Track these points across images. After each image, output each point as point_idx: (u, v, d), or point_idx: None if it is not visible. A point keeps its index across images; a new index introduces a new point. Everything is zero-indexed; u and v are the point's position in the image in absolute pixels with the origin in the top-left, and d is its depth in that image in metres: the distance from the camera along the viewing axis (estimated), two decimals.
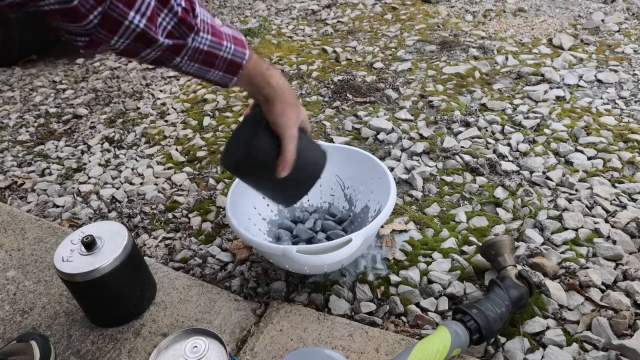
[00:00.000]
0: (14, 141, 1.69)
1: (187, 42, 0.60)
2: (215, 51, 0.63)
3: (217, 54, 0.64)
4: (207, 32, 0.62)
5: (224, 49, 0.64)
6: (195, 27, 0.59)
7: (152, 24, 0.55)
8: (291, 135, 0.68)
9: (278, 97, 0.68)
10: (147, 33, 0.55)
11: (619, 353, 0.77)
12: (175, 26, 0.58)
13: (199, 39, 0.61)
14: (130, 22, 0.53)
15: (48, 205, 1.32)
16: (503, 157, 1.29)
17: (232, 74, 0.67)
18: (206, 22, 0.62)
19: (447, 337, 0.74)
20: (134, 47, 0.57)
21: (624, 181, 1.16)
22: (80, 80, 2.14)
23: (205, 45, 0.62)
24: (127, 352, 0.83)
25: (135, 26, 0.54)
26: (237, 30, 0.67)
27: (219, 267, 1.05)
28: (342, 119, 1.56)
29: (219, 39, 0.63)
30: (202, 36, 0.61)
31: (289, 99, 0.68)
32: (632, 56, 1.76)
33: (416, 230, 1.09)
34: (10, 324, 0.91)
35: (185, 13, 0.58)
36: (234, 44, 0.65)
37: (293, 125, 0.69)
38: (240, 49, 0.65)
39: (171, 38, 0.58)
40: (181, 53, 0.61)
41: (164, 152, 1.51)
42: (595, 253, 0.98)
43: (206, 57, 0.63)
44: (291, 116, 0.68)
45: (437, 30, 2.16)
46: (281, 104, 0.68)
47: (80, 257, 0.81)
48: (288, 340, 0.82)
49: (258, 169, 0.71)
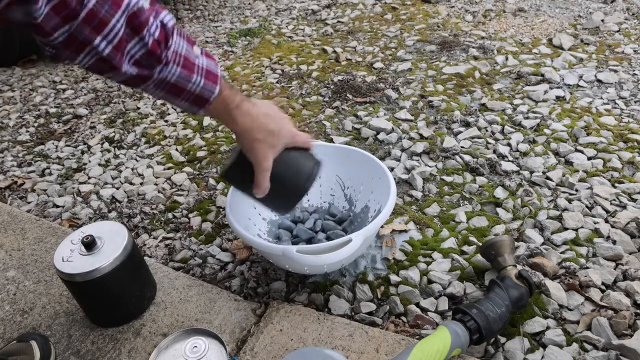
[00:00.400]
0: (14, 141, 1.69)
1: (153, 73, 0.60)
2: (182, 84, 0.63)
3: (184, 88, 0.63)
4: (178, 64, 0.61)
5: (193, 83, 0.63)
6: (163, 60, 0.59)
7: (117, 52, 0.55)
8: (260, 167, 0.71)
9: (244, 135, 0.70)
10: (110, 60, 0.55)
11: (619, 353, 0.77)
12: (144, 56, 0.57)
13: (166, 71, 0.60)
14: (95, 47, 0.53)
15: (48, 205, 1.32)
16: (503, 157, 1.29)
17: (198, 107, 0.67)
18: (179, 54, 0.61)
19: (447, 337, 0.74)
20: (100, 67, 0.57)
21: (624, 181, 1.16)
22: (80, 80, 2.14)
23: (173, 77, 0.61)
24: (127, 352, 0.83)
25: (101, 51, 0.54)
26: (214, 62, 0.66)
27: (219, 267, 1.05)
28: (342, 119, 1.56)
29: (189, 73, 0.62)
30: (170, 68, 0.60)
31: (256, 135, 0.69)
32: (632, 56, 1.76)
33: (416, 230, 1.09)
34: (10, 324, 0.91)
35: (156, 45, 0.57)
36: (205, 78, 0.64)
37: (262, 158, 0.70)
38: (211, 84, 0.65)
39: (138, 67, 0.58)
40: (147, 82, 0.61)
41: (164, 152, 1.51)
42: (595, 253, 0.98)
43: (172, 89, 0.63)
44: (259, 151, 0.70)
45: (437, 30, 2.16)
46: (248, 141, 0.70)
47: (80, 257, 0.81)
48: (288, 340, 0.82)
49: (241, 188, 0.78)
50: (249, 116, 0.69)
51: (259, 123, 0.70)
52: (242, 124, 0.69)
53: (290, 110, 1.64)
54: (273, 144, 0.71)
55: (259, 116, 0.70)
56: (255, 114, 0.70)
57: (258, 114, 0.70)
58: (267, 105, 0.73)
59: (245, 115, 0.69)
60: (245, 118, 0.69)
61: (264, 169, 0.71)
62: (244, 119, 0.69)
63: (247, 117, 0.69)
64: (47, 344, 0.82)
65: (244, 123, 0.69)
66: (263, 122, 0.70)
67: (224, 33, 2.47)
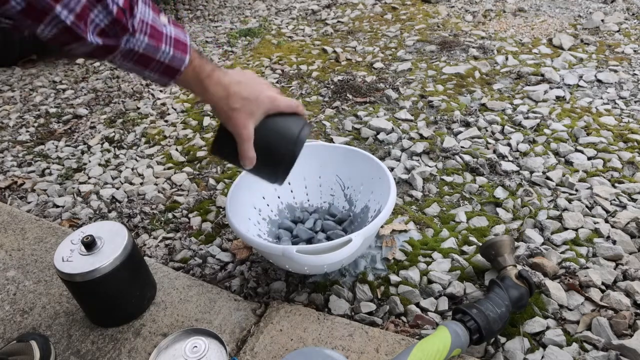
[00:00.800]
0: (14, 141, 1.69)
1: (119, 43, 0.57)
2: (151, 54, 0.60)
3: (152, 58, 0.61)
4: (145, 33, 0.59)
5: (162, 52, 0.61)
6: (129, 29, 0.57)
7: (80, 21, 0.52)
8: (240, 137, 0.68)
9: (219, 105, 0.67)
10: (74, 30, 0.53)
11: (619, 353, 0.77)
12: (109, 25, 0.55)
13: (134, 41, 0.58)
14: (57, 15, 0.51)
15: (48, 205, 1.32)
16: (503, 157, 1.29)
17: (169, 78, 0.65)
18: (145, 22, 0.59)
19: (447, 337, 0.74)
20: (63, 37, 0.54)
21: (624, 181, 1.16)
22: (80, 80, 2.14)
23: (141, 47, 0.59)
24: (127, 352, 0.83)
25: (63, 20, 0.51)
26: (182, 30, 0.64)
27: (219, 267, 1.05)
28: (342, 119, 1.56)
29: (157, 42, 0.60)
30: (137, 38, 0.58)
31: (231, 104, 0.67)
32: (632, 56, 1.76)
33: (416, 230, 1.09)
34: (10, 324, 0.91)
35: (121, 13, 0.55)
36: (174, 47, 0.62)
37: (241, 127, 0.68)
38: (180, 53, 0.63)
39: (103, 37, 0.56)
40: (114, 52, 0.58)
41: (164, 152, 1.51)
42: (595, 253, 0.98)
43: (141, 59, 0.61)
44: (237, 121, 0.68)
45: (437, 30, 2.16)
46: (224, 112, 0.67)
47: (80, 257, 0.81)
48: (288, 340, 0.82)
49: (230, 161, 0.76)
50: (221, 85, 0.67)
51: (233, 91, 0.67)
52: (215, 93, 0.67)
53: None
54: (251, 111, 0.68)
55: (231, 84, 0.67)
56: (228, 83, 0.67)
57: (230, 82, 0.67)
58: (241, 73, 0.70)
59: (217, 85, 0.66)
60: (218, 87, 0.67)
61: (244, 139, 0.68)
62: (217, 88, 0.67)
63: (219, 86, 0.67)
64: (47, 344, 0.82)
65: (217, 92, 0.67)
66: (236, 91, 0.67)
67: (224, 33, 2.47)
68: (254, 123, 0.69)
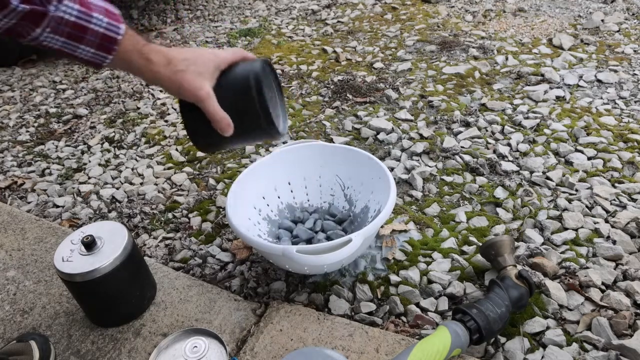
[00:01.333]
0: (14, 141, 1.69)
1: (47, 9, 0.53)
2: (83, 23, 0.56)
3: (86, 27, 0.56)
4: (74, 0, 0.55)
5: (95, 21, 0.56)
6: None
7: None
8: (199, 98, 0.62)
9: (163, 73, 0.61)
10: None
11: (619, 353, 0.77)
12: None
13: (63, 8, 0.54)
14: None
15: (48, 205, 1.32)
16: (503, 157, 1.29)
17: (106, 52, 0.59)
18: None
19: (447, 337, 0.74)
20: None
21: (624, 181, 1.16)
22: (80, 80, 2.14)
23: (72, 15, 0.55)
24: (127, 352, 0.83)
25: None
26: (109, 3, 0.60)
27: (219, 267, 1.05)
28: (342, 119, 1.56)
29: (89, 9, 0.56)
30: (67, 4, 0.54)
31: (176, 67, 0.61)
32: (632, 56, 1.76)
33: (416, 230, 1.09)
34: (10, 324, 0.91)
35: None
36: (106, 15, 0.58)
37: (197, 88, 0.62)
38: (114, 22, 0.58)
39: (28, 3, 0.51)
40: (41, 23, 0.54)
41: (164, 152, 1.51)
42: (595, 253, 0.98)
43: (73, 30, 0.56)
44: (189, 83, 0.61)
45: (437, 30, 2.16)
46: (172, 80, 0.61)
47: (80, 257, 0.81)
48: (288, 340, 0.82)
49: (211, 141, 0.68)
50: (161, 53, 0.62)
51: (172, 56, 0.62)
52: (158, 62, 0.61)
53: (290, 110, 1.64)
54: (199, 71, 0.62)
55: (170, 51, 0.62)
56: (166, 50, 0.62)
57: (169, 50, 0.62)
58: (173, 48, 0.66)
59: (157, 53, 0.61)
60: (159, 55, 0.61)
61: (205, 98, 0.62)
62: (158, 56, 0.61)
63: (160, 54, 0.61)
64: (46, 344, 0.82)
65: (159, 61, 0.61)
66: (176, 55, 0.62)
67: (224, 33, 2.47)
68: (209, 82, 0.63)
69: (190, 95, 0.62)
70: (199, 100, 0.62)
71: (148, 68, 0.61)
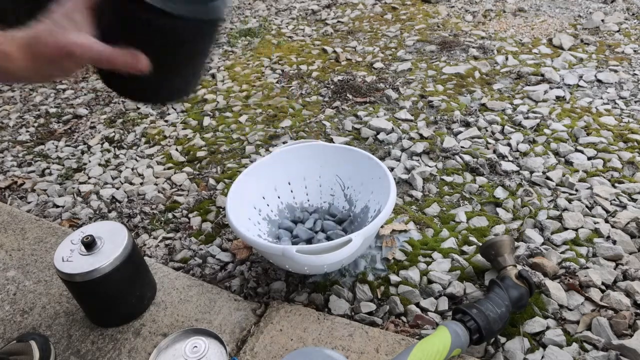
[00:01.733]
0: (14, 141, 1.69)
1: None
2: None
3: None
4: None
5: None
6: None
7: None
8: (69, 45, 0.43)
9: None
10: None
11: (619, 353, 0.77)
12: None
13: None
14: None
15: (48, 205, 1.32)
16: (503, 157, 1.29)
17: None
18: None
19: (447, 337, 0.74)
20: None
21: (624, 181, 1.16)
22: (80, 80, 2.14)
23: None
24: (127, 352, 0.83)
25: None
26: None
27: (219, 267, 1.05)
28: (342, 119, 1.56)
29: None
30: None
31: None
32: (632, 56, 1.76)
33: (416, 230, 1.09)
34: (10, 324, 0.91)
35: None
36: None
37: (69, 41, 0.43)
38: None
39: None
40: None
41: (164, 152, 1.51)
42: (595, 253, 0.98)
43: None
44: (49, 35, 0.43)
45: (437, 30, 2.16)
46: (16, 59, 0.43)
47: (80, 257, 0.81)
48: (288, 340, 0.82)
49: (128, 85, 0.52)
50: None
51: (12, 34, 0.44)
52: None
53: (291, 110, 1.64)
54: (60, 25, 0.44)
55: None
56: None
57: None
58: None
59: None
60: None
61: (75, 46, 0.43)
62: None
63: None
64: (46, 344, 0.82)
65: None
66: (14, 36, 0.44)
67: (224, 33, 2.47)
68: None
69: (60, 48, 0.43)
70: (69, 45, 0.44)
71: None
